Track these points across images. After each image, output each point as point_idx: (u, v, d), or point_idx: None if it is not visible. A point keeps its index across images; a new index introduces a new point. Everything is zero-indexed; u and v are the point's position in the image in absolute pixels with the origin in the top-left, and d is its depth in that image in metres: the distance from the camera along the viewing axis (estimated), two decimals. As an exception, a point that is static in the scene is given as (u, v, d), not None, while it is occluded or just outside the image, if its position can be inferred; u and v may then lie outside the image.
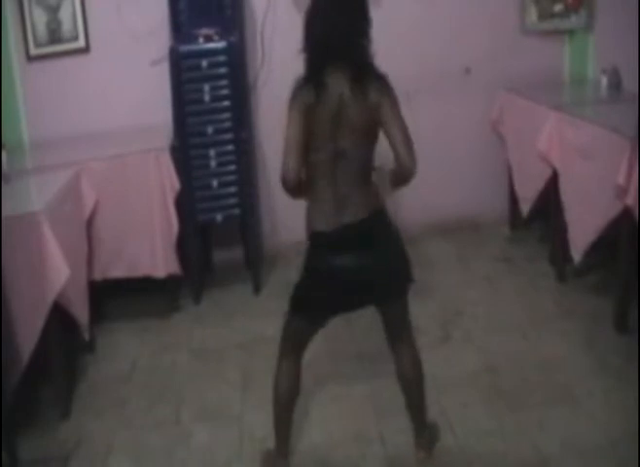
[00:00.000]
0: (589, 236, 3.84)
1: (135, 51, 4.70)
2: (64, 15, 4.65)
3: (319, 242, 2.68)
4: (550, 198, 4.42)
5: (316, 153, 2.57)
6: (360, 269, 2.65)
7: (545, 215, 4.71)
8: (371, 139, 2.61)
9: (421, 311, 3.74)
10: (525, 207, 4.75)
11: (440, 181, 5.22)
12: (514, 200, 5.07)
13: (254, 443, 3.18)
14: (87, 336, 3.75)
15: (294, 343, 2.80)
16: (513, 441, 3.05)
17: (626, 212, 3.50)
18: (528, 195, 4.68)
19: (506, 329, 3.99)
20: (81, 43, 4.71)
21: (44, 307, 3.23)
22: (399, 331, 2.82)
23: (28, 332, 3.19)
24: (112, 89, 4.77)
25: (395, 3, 4.92)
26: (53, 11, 4.64)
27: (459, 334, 3.96)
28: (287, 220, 5.01)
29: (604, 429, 3.04)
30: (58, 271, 3.26)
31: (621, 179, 3.40)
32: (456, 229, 5.33)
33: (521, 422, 3.16)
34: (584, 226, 3.91)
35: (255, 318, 4.33)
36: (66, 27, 4.68)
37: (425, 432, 2.96)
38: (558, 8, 5.05)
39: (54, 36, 4.66)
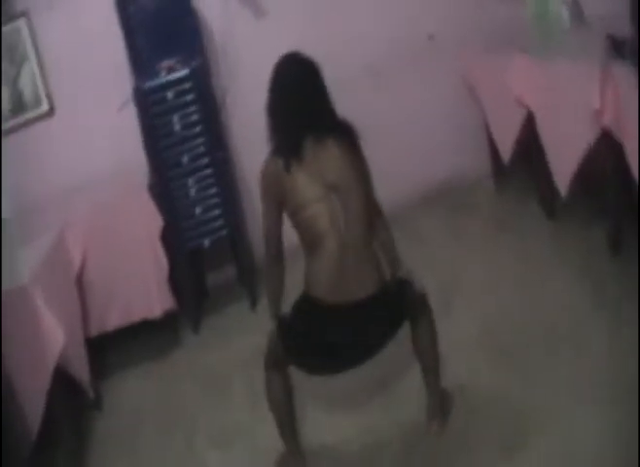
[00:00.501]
0: (572, 167, 3.80)
1: (100, 100, 4.67)
2: (24, 82, 4.62)
3: (315, 307, 2.67)
4: (528, 141, 4.43)
5: (307, 207, 2.59)
6: (356, 345, 2.70)
7: (526, 158, 4.70)
8: (359, 183, 2.64)
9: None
10: (506, 155, 4.72)
11: (419, 149, 5.23)
12: (494, 153, 5.09)
13: (269, 455, 3.14)
14: (91, 393, 3.73)
15: (277, 360, 2.81)
16: (522, 399, 3.02)
17: (605, 135, 3.48)
18: (507, 141, 4.65)
19: (505, 284, 3.94)
20: (44, 107, 4.68)
21: (46, 376, 3.20)
22: (415, 306, 2.83)
23: (34, 403, 3.15)
24: (82, 143, 4.74)
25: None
26: (13, 82, 4.59)
27: (459, 300, 3.91)
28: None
29: (608, 371, 3.01)
30: (55, 338, 3.24)
31: (595, 103, 3.37)
32: (442, 192, 5.31)
33: (529, 378, 3.13)
34: (565, 158, 3.88)
35: (255, 333, 4.10)
36: (28, 95, 4.65)
37: (439, 401, 2.96)
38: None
39: (17, 107, 4.63)
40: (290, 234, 2.69)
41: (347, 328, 2.65)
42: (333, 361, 2.75)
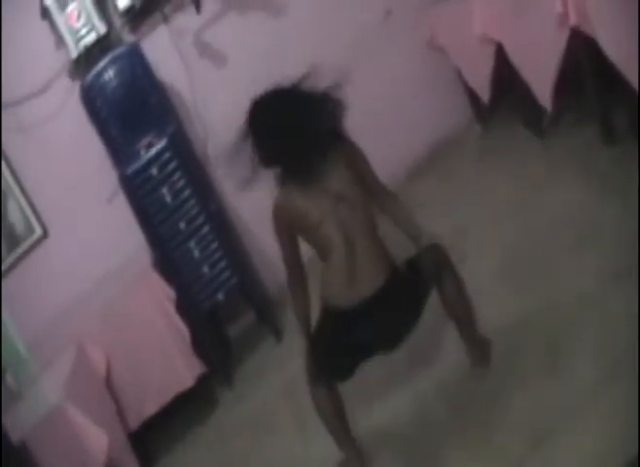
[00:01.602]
0: (551, 78, 3.83)
1: (90, 204, 4.76)
2: (13, 215, 4.69)
3: (334, 318, 2.73)
4: (501, 74, 4.51)
5: (318, 227, 2.66)
6: (382, 337, 2.75)
7: (502, 92, 4.76)
8: (361, 188, 2.72)
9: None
10: (485, 94, 4.76)
11: (402, 117, 5.28)
12: (473, 99, 5.19)
13: None
14: (144, 486, 3.82)
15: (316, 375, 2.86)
16: (554, 316, 3.05)
17: (575, 35, 3.51)
18: (484, 81, 4.69)
19: (512, 213, 3.97)
20: (38, 232, 4.73)
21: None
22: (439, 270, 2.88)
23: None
24: (81, 253, 4.80)
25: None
26: (2, 218, 4.65)
27: (472, 244, 3.92)
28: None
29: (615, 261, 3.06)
30: (98, 442, 3.35)
31: (558, 7, 3.40)
32: (433, 152, 5.37)
33: (557, 291, 3.17)
34: (542, 71, 3.89)
35: (286, 365, 4.28)
36: (19, 226, 4.71)
37: (479, 349, 3.01)
38: None
39: (12, 242, 4.68)
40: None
41: (371, 324, 2.69)
42: (364, 357, 2.82)
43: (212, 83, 4.91)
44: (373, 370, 3.33)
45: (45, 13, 4.50)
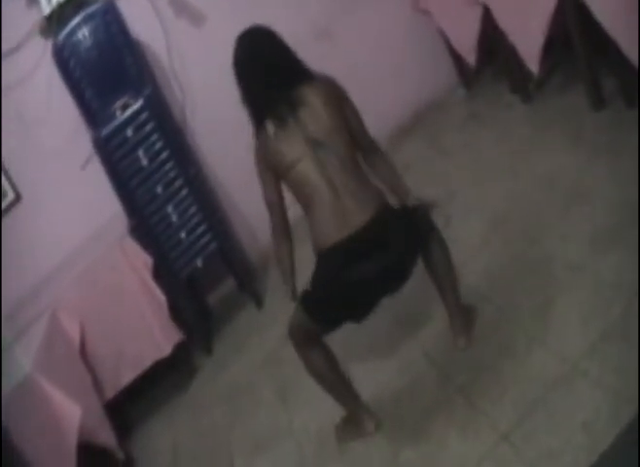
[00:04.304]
0: (538, 40, 3.78)
1: (63, 168, 4.60)
2: None
3: (329, 258, 2.64)
4: (487, 37, 4.46)
5: (295, 165, 2.62)
6: (381, 273, 2.63)
7: (492, 55, 4.72)
8: (343, 130, 2.67)
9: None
10: (472, 58, 4.68)
11: (385, 77, 5.22)
12: (458, 63, 5.14)
13: (315, 445, 3.13)
14: (120, 455, 3.76)
15: (308, 335, 2.78)
16: (545, 274, 3.02)
17: None
18: (470, 44, 4.62)
19: (498, 180, 3.91)
20: (10, 196, 4.55)
21: (70, 456, 3.24)
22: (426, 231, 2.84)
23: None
24: (56, 218, 4.65)
25: None
26: None
27: (457, 210, 3.82)
28: (262, 223, 4.95)
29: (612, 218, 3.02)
30: (71, 413, 3.29)
31: None
32: (418, 117, 5.29)
33: (545, 250, 3.14)
34: (530, 34, 3.83)
35: (267, 332, 4.28)
36: None
37: (461, 317, 2.96)
38: None
39: None
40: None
41: (369, 255, 2.60)
42: (369, 299, 2.73)
43: (190, 43, 4.76)
44: (358, 338, 3.30)
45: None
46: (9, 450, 3.01)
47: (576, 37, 3.69)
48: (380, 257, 2.60)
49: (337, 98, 2.71)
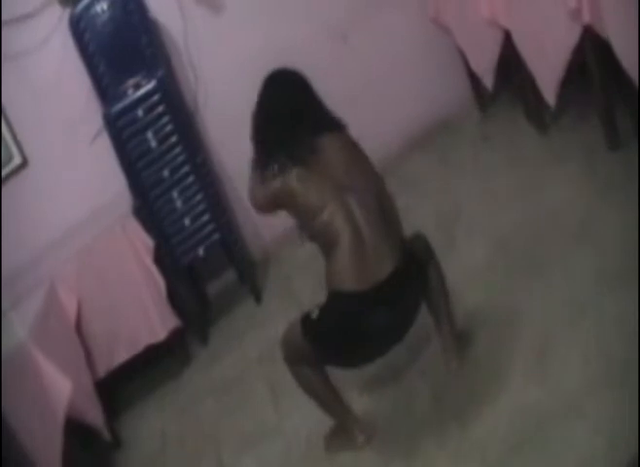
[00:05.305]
0: (558, 73, 3.73)
1: (72, 138, 4.54)
2: None
3: (347, 303, 2.61)
4: (507, 62, 4.35)
5: (322, 210, 2.59)
6: (394, 324, 2.66)
7: (507, 81, 4.63)
8: (369, 177, 2.70)
9: (419, 222, 3.52)
10: (489, 81, 4.60)
11: (399, 91, 5.12)
12: (475, 84, 5.03)
13: (303, 447, 3.13)
14: (107, 435, 3.72)
15: (304, 358, 2.76)
16: (545, 307, 3.01)
17: (587, 32, 3.40)
18: (489, 67, 4.54)
19: (506, 206, 3.86)
20: (17, 160, 4.49)
21: (57, 430, 3.21)
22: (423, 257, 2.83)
23: (49, 458, 3.15)
24: (61, 188, 4.61)
25: None
26: None
27: (462, 231, 3.86)
28: (266, 220, 4.93)
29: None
30: (61, 388, 3.26)
31: (571, 2, 3.28)
32: (430, 133, 5.18)
33: (546, 284, 3.12)
34: (550, 65, 3.79)
35: (264, 329, 4.21)
36: None
37: (453, 340, 2.94)
38: None
39: None
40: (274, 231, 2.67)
41: (384, 309, 2.61)
42: (374, 348, 2.73)
43: (207, 31, 4.71)
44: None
45: None
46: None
47: (595, 73, 3.63)
48: (395, 310, 2.63)
49: (361, 150, 2.75)
